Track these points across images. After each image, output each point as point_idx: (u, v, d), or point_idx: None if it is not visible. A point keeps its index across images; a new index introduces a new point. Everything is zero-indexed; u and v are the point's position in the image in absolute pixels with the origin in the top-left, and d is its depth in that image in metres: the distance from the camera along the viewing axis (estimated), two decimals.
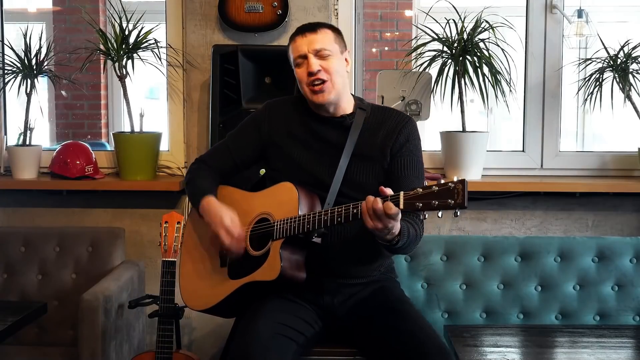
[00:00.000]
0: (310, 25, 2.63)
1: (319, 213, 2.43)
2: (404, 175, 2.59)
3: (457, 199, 2.16)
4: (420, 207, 2.20)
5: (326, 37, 2.58)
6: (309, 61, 2.56)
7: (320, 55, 2.56)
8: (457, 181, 2.17)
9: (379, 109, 2.71)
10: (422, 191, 2.20)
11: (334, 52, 2.58)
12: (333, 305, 2.63)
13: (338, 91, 2.59)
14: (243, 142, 2.74)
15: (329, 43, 2.58)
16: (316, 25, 2.63)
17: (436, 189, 2.18)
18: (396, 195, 2.25)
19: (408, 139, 2.62)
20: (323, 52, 2.56)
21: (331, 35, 2.60)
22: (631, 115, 3.48)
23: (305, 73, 2.57)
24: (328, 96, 2.57)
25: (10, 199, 3.74)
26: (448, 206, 2.17)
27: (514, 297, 3.26)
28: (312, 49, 2.56)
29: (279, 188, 2.59)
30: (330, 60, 2.57)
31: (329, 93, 2.57)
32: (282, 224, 2.50)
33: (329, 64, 2.56)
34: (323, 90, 2.56)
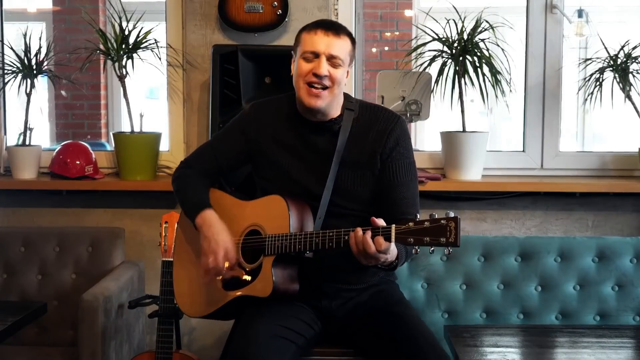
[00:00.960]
0: (335, 25, 2.53)
1: (310, 234, 2.41)
2: (397, 182, 2.55)
3: (449, 238, 2.15)
4: (412, 242, 2.20)
5: (345, 46, 2.50)
6: (320, 62, 2.48)
7: (333, 62, 2.48)
8: (450, 218, 2.16)
9: (367, 107, 2.64)
10: (414, 226, 2.19)
11: (345, 63, 2.51)
12: (332, 308, 2.62)
13: (332, 100, 2.53)
14: (229, 146, 2.68)
15: (345, 53, 2.50)
16: (340, 28, 2.52)
17: (428, 225, 2.17)
18: (387, 229, 2.24)
19: (398, 142, 2.57)
20: (336, 61, 2.48)
21: (349, 45, 2.52)
22: (631, 115, 3.48)
23: (309, 70, 2.49)
24: (322, 103, 2.50)
25: (10, 199, 3.74)
26: (439, 244, 2.16)
27: (514, 297, 3.26)
28: (329, 52, 2.47)
29: (270, 201, 2.55)
30: (339, 69, 2.49)
31: (324, 100, 2.50)
32: (273, 240, 2.47)
33: (337, 73, 2.49)
34: (320, 96, 2.49)
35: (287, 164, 2.59)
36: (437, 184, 3.47)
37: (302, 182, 2.57)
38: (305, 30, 2.54)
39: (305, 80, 2.50)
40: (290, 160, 2.59)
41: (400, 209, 2.50)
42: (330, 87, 2.49)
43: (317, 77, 2.48)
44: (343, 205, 2.55)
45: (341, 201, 2.55)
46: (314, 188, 2.54)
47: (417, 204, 2.58)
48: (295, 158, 2.59)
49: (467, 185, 3.52)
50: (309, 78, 2.49)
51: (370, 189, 2.57)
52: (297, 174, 2.58)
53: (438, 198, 3.54)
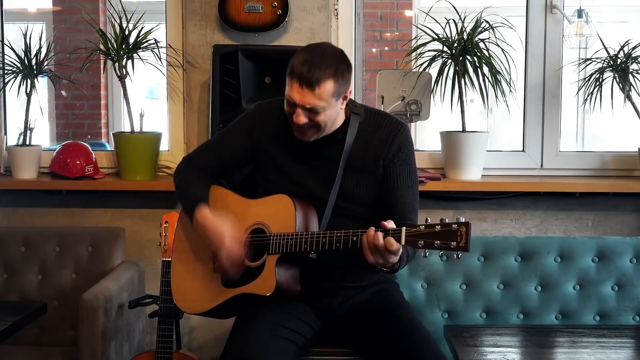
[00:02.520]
0: (313, 72, 2.37)
1: (317, 234, 2.42)
2: (397, 186, 2.54)
3: (459, 242, 2.15)
4: (422, 245, 2.20)
5: (324, 94, 2.39)
6: (298, 113, 2.42)
7: (312, 112, 2.42)
8: (462, 223, 2.17)
9: (372, 113, 2.62)
10: (425, 229, 2.19)
11: (329, 105, 2.42)
12: (332, 307, 2.62)
13: (324, 131, 2.50)
14: (232, 145, 2.67)
15: (326, 99, 2.40)
16: (319, 76, 2.37)
17: (439, 229, 2.18)
18: (398, 231, 2.24)
19: (400, 148, 2.56)
20: (315, 109, 2.41)
21: (331, 88, 2.39)
22: (631, 115, 3.48)
23: (290, 112, 2.45)
24: (310, 138, 2.50)
25: (10, 199, 3.74)
26: (450, 248, 2.16)
27: (514, 297, 3.26)
28: (304, 105, 2.40)
29: (275, 200, 2.55)
30: (321, 114, 2.42)
31: (312, 136, 2.49)
32: (278, 239, 2.47)
33: (319, 117, 2.43)
34: (305, 134, 2.48)
35: (291, 167, 2.58)
36: (437, 184, 3.47)
37: (306, 186, 2.57)
38: (289, 68, 2.43)
39: (290, 119, 2.48)
40: (295, 164, 2.58)
41: (399, 214, 2.50)
42: (316, 128, 2.47)
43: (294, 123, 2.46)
44: (348, 207, 2.55)
45: (346, 204, 2.55)
46: (318, 192, 2.54)
47: (416, 210, 2.58)
48: (301, 163, 2.58)
49: (467, 185, 3.52)
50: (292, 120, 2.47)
51: (374, 193, 2.57)
52: (301, 177, 2.58)
53: (438, 198, 3.54)
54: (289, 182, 2.58)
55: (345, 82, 2.46)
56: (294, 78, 2.40)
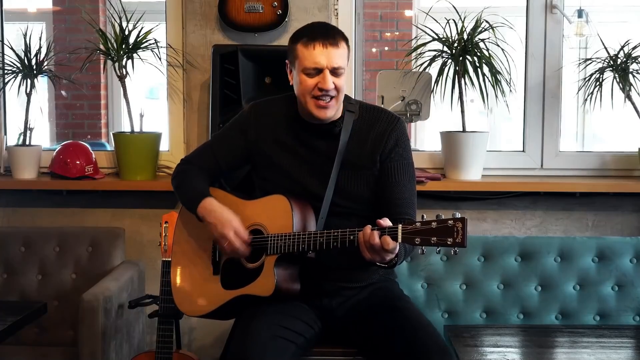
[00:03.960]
0: (331, 33, 2.47)
1: (314, 234, 2.42)
2: (395, 181, 2.55)
3: (456, 238, 2.15)
4: (419, 242, 2.21)
5: (344, 53, 2.48)
6: (325, 77, 2.45)
7: (336, 72, 2.46)
8: (457, 219, 2.16)
9: (367, 109, 2.64)
10: (421, 226, 2.20)
11: (346, 68, 2.50)
12: (332, 307, 2.63)
13: (339, 107, 2.54)
14: (228, 146, 2.68)
15: (345, 60, 2.49)
16: (336, 35, 2.48)
17: (435, 225, 2.18)
18: (394, 229, 2.24)
19: (397, 143, 2.57)
20: (339, 70, 2.47)
21: (346, 50, 2.50)
22: (631, 115, 3.48)
23: (314, 85, 2.47)
24: (331, 113, 2.51)
25: (10, 199, 3.74)
26: (446, 244, 2.16)
27: (514, 297, 3.26)
28: (331, 65, 2.44)
29: (272, 200, 2.55)
30: (342, 77, 2.48)
31: (333, 110, 2.51)
32: (276, 239, 2.47)
33: (341, 82, 2.48)
34: (328, 107, 2.49)
35: (287, 164, 2.59)
36: (437, 184, 3.47)
37: (303, 183, 2.57)
38: (300, 42, 2.48)
39: (312, 95, 2.49)
40: (291, 161, 2.59)
41: (397, 209, 2.51)
42: (336, 96, 2.50)
43: (323, 91, 2.47)
44: (345, 205, 2.56)
45: (343, 201, 2.56)
46: (315, 189, 2.55)
47: (414, 204, 2.58)
48: (296, 159, 2.59)
49: (467, 185, 3.52)
50: (316, 92, 2.48)
51: (371, 189, 2.58)
52: (298, 174, 2.58)
53: (438, 198, 3.54)
54: (286, 179, 2.58)
55: (349, 48, 2.56)
56: (315, 41, 2.45)
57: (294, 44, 2.51)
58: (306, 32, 2.50)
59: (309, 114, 2.54)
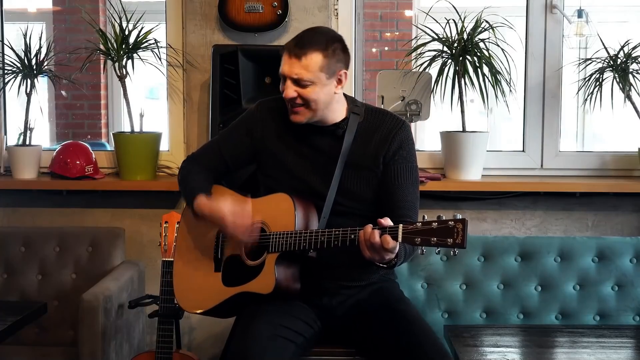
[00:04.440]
0: (301, 43, 2.46)
1: (315, 233, 2.42)
2: (398, 184, 2.56)
3: (456, 239, 2.15)
4: (419, 242, 2.21)
5: (311, 65, 2.44)
6: (286, 85, 2.49)
7: (299, 83, 2.47)
8: (458, 220, 2.17)
9: (372, 112, 2.64)
10: (421, 226, 2.20)
11: (317, 81, 2.45)
12: (332, 306, 2.63)
13: (316, 114, 2.52)
14: (234, 144, 2.69)
15: (313, 72, 2.44)
16: (306, 46, 2.45)
17: (435, 226, 2.18)
18: (395, 228, 2.25)
19: (401, 146, 2.58)
20: (301, 82, 2.46)
21: (319, 61, 2.44)
22: (631, 115, 3.48)
23: (282, 90, 2.51)
24: (302, 119, 2.52)
25: (10, 199, 3.74)
26: (446, 245, 2.17)
27: (514, 297, 3.26)
28: (291, 76, 2.47)
29: (275, 198, 2.56)
30: (309, 89, 2.46)
31: (303, 116, 2.52)
32: (278, 237, 2.48)
33: (307, 92, 2.47)
34: (297, 112, 2.51)
35: (292, 162, 2.60)
36: (437, 184, 3.47)
37: (306, 181, 2.58)
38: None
39: (284, 100, 2.53)
40: (296, 159, 2.60)
41: (400, 211, 2.51)
42: (306, 104, 2.50)
43: (288, 99, 2.50)
44: (347, 205, 2.56)
45: (345, 201, 2.56)
46: (318, 187, 2.56)
47: (416, 208, 2.58)
48: (301, 157, 2.60)
49: (467, 185, 3.52)
50: (284, 98, 2.52)
51: (374, 190, 2.59)
52: (302, 173, 2.59)
53: (438, 198, 3.54)
54: (290, 177, 2.59)
55: (338, 61, 2.50)
56: (285, 51, 2.49)
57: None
58: (293, 38, 2.53)
59: None
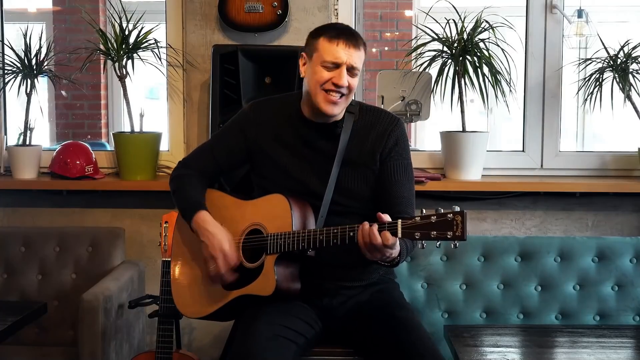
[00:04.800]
0: (355, 36, 2.52)
1: (314, 232, 2.41)
2: (394, 180, 2.56)
3: (455, 231, 2.15)
4: (418, 237, 2.20)
5: (362, 56, 2.53)
6: (341, 73, 2.48)
7: (352, 72, 2.50)
8: (457, 212, 2.17)
9: (367, 110, 2.65)
10: (420, 220, 2.20)
11: (359, 72, 2.55)
12: (332, 307, 2.63)
13: (346, 106, 2.56)
14: (228, 146, 2.68)
15: (362, 62, 2.54)
16: (359, 39, 2.53)
17: (434, 219, 2.18)
18: (394, 224, 2.24)
19: (397, 143, 2.59)
20: (355, 71, 2.50)
21: (364, 54, 2.55)
22: (631, 115, 3.48)
23: (329, 79, 2.49)
24: (338, 110, 2.53)
25: (10, 199, 3.74)
26: (446, 238, 2.16)
27: (514, 297, 3.26)
28: (350, 64, 2.48)
29: (271, 200, 2.55)
30: (356, 79, 2.52)
31: (340, 107, 2.53)
32: (275, 238, 2.47)
33: (354, 82, 2.52)
34: (337, 103, 2.51)
35: (287, 162, 2.59)
36: (437, 184, 3.47)
37: (303, 181, 2.58)
38: (324, 36, 2.50)
39: (324, 88, 2.50)
40: (291, 159, 2.59)
41: (397, 207, 2.51)
42: (347, 95, 2.52)
43: (336, 86, 2.49)
44: (344, 203, 2.56)
45: (342, 199, 2.56)
46: (315, 187, 2.55)
47: (413, 204, 2.59)
48: (296, 157, 2.59)
49: (467, 185, 3.52)
50: (328, 86, 2.50)
51: (371, 187, 2.59)
52: (298, 172, 2.58)
53: (438, 198, 3.54)
54: (286, 177, 2.59)
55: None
56: (340, 38, 2.49)
57: (316, 37, 2.53)
58: (331, 29, 2.54)
59: (315, 109, 2.54)
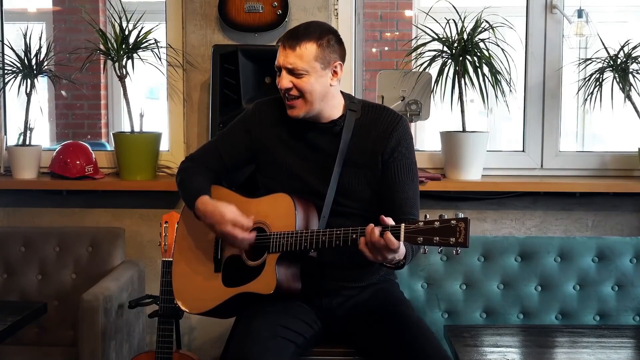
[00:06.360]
0: (295, 35, 2.48)
1: (317, 232, 2.42)
2: (398, 182, 2.55)
3: (458, 238, 2.16)
4: (421, 242, 2.21)
5: (305, 54, 2.45)
6: (282, 75, 2.50)
7: (293, 73, 2.47)
8: (460, 219, 2.17)
9: (370, 107, 2.63)
10: (424, 225, 2.20)
11: (312, 71, 2.46)
12: (332, 307, 2.63)
13: (313, 107, 2.52)
14: (233, 144, 2.68)
15: (307, 61, 2.46)
16: (300, 37, 2.47)
17: (438, 225, 2.18)
18: (397, 228, 2.24)
19: (399, 142, 2.57)
20: (296, 71, 2.47)
21: (313, 51, 2.45)
22: (631, 115, 3.48)
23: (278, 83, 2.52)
24: (298, 112, 2.52)
25: (10, 199, 3.74)
26: (449, 244, 2.17)
27: (514, 297, 3.26)
28: (286, 65, 2.47)
29: (275, 199, 2.55)
30: (304, 79, 2.47)
31: (300, 110, 2.51)
32: (278, 237, 2.47)
33: (302, 83, 2.47)
34: (294, 106, 2.51)
35: (291, 162, 2.60)
36: (437, 184, 3.47)
37: (305, 181, 2.58)
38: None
39: (281, 94, 2.54)
40: (295, 159, 2.60)
41: (401, 209, 2.51)
42: (302, 97, 2.50)
43: (281, 90, 2.51)
44: (346, 204, 2.56)
45: (344, 200, 2.56)
46: (318, 187, 2.55)
47: (417, 204, 2.58)
48: (298, 157, 2.60)
49: (467, 185, 3.52)
50: (281, 91, 2.53)
51: (373, 188, 2.58)
52: (301, 172, 2.59)
53: (438, 198, 3.54)
54: (289, 177, 2.59)
55: (332, 52, 2.51)
56: (280, 45, 2.52)
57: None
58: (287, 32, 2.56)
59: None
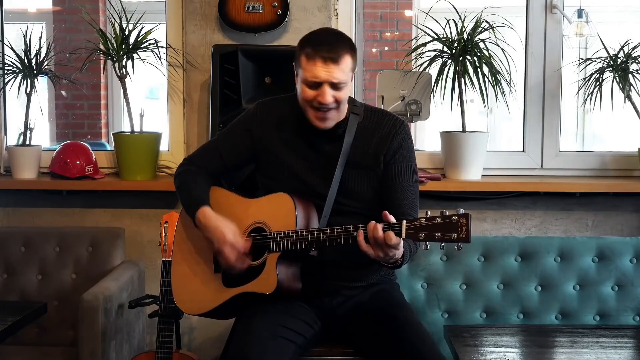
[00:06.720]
0: (334, 49, 2.43)
1: (317, 231, 2.42)
2: (399, 183, 2.56)
3: (460, 234, 2.16)
4: (423, 238, 2.21)
5: (346, 67, 2.45)
6: (324, 91, 2.44)
7: (336, 86, 2.45)
8: (462, 214, 2.18)
9: (372, 112, 2.64)
10: (425, 222, 2.20)
11: (349, 81, 2.49)
12: (332, 307, 2.63)
13: (340, 116, 2.54)
14: (233, 144, 2.68)
15: (347, 73, 2.46)
16: (340, 49, 2.44)
17: (439, 221, 2.19)
18: (398, 224, 2.24)
19: (401, 145, 2.58)
20: (339, 85, 2.45)
21: (349, 62, 2.46)
22: (631, 115, 3.48)
23: (314, 97, 2.46)
24: (330, 123, 2.52)
25: (10, 199, 3.74)
26: (450, 240, 2.17)
27: (514, 297, 3.26)
28: (331, 80, 2.43)
29: (275, 198, 2.55)
30: (343, 90, 2.47)
31: (332, 120, 2.51)
32: (279, 237, 2.47)
33: (342, 94, 2.47)
34: (327, 118, 2.50)
35: (292, 163, 2.60)
36: (437, 184, 3.47)
37: (306, 181, 2.58)
38: (304, 53, 2.47)
39: (311, 106, 2.49)
40: (296, 159, 2.60)
41: (401, 210, 2.51)
42: (337, 107, 2.50)
43: (321, 104, 2.47)
44: (347, 204, 2.56)
45: (346, 200, 2.56)
46: (319, 187, 2.56)
47: (417, 206, 2.59)
48: (300, 157, 2.60)
49: (467, 185, 3.52)
50: (315, 104, 2.48)
51: (374, 189, 2.59)
52: (303, 173, 2.59)
53: (438, 198, 3.54)
54: (290, 177, 2.59)
55: (356, 57, 2.52)
56: (317, 57, 2.43)
57: (300, 51, 2.50)
58: (312, 42, 2.48)
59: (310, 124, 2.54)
